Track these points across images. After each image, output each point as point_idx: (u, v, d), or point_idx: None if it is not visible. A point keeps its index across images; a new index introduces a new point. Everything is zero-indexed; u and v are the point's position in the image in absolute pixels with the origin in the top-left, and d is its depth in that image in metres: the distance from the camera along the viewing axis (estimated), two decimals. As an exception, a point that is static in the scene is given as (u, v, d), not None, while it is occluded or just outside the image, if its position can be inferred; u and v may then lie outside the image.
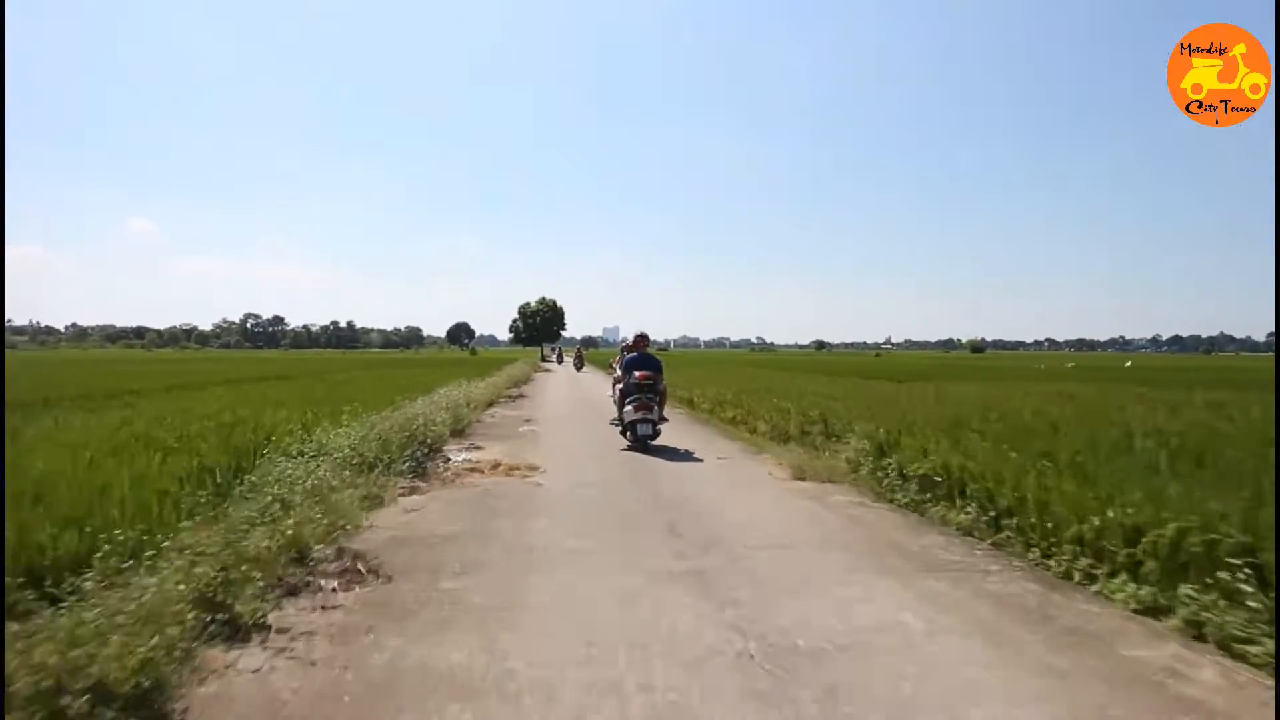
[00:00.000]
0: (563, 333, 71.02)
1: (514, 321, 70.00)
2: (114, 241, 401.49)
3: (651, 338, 9.82)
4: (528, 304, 68.86)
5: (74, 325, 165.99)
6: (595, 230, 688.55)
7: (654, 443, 7.91)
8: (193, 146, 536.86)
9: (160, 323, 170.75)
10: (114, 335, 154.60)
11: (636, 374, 8.13)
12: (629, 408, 7.88)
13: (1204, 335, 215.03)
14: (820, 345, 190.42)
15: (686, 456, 7.34)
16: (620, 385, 8.50)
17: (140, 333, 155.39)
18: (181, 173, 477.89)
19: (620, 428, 8.32)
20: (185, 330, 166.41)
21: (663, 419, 8.23)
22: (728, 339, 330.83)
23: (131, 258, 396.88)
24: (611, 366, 11.77)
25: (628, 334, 11.88)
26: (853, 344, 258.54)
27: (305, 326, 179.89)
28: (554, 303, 68.68)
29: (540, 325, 67.33)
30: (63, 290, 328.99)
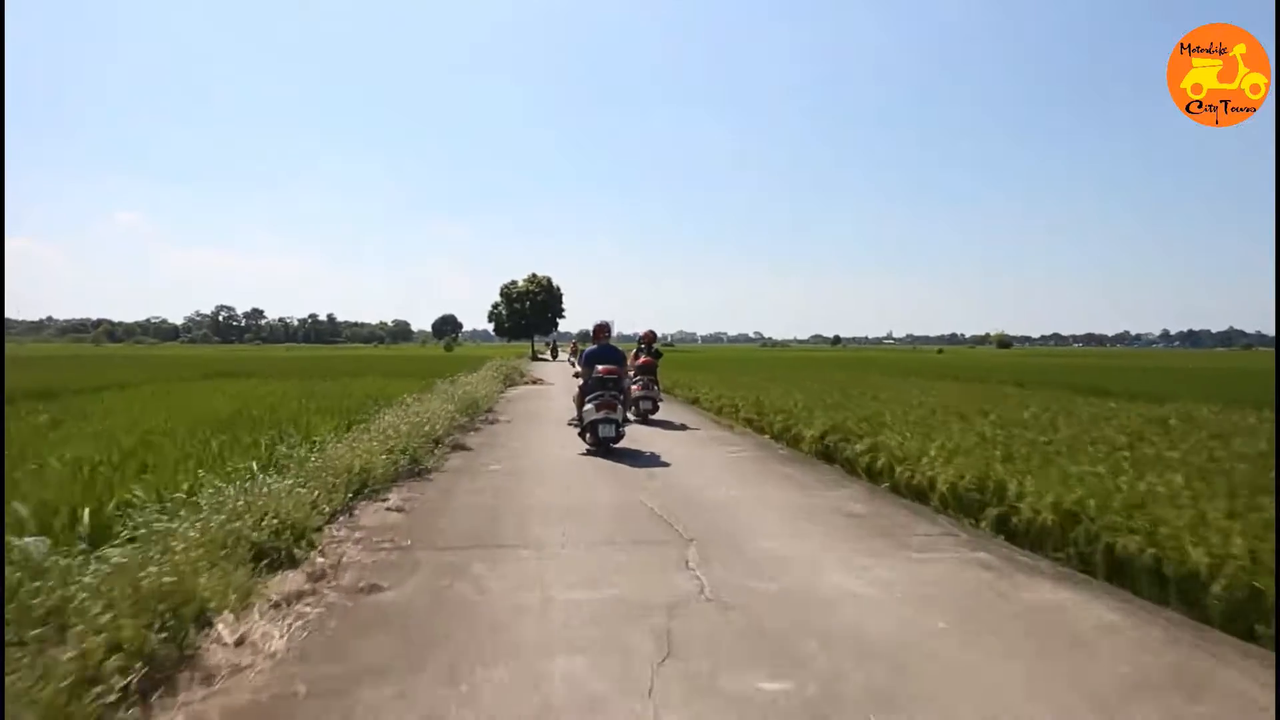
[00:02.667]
0: (560, 321, 53.90)
1: (495, 307, 52.96)
2: (103, 234, 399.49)
3: (643, 331, 9.67)
4: (514, 283, 52.15)
5: (50, 319, 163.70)
6: (591, 224, 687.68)
7: (617, 445, 7.13)
8: (185, 139, 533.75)
9: (148, 316, 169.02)
10: (68, 328, 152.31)
11: (599, 368, 7.37)
12: (589, 406, 7.13)
13: (1213, 330, 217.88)
14: (836, 340, 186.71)
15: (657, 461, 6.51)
16: (581, 381, 7.69)
17: (95, 325, 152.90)
18: (173, 165, 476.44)
19: (579, 429, 7.47)
20: (155, 323, 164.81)
21: (626, 420, 7.47)
22: (725, 334, 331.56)
23: (120, 250, 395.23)
24: (571, 361, 10.76)
25: (637, 328, 11.29)
26: (853, 339, 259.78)
27: (282, 319, 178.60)
28: (548, 281, 51.93)
29: (531, 312, 51.20)
30: (50, 284, 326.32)
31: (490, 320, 54.27)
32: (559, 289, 52.79)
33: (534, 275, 52.43)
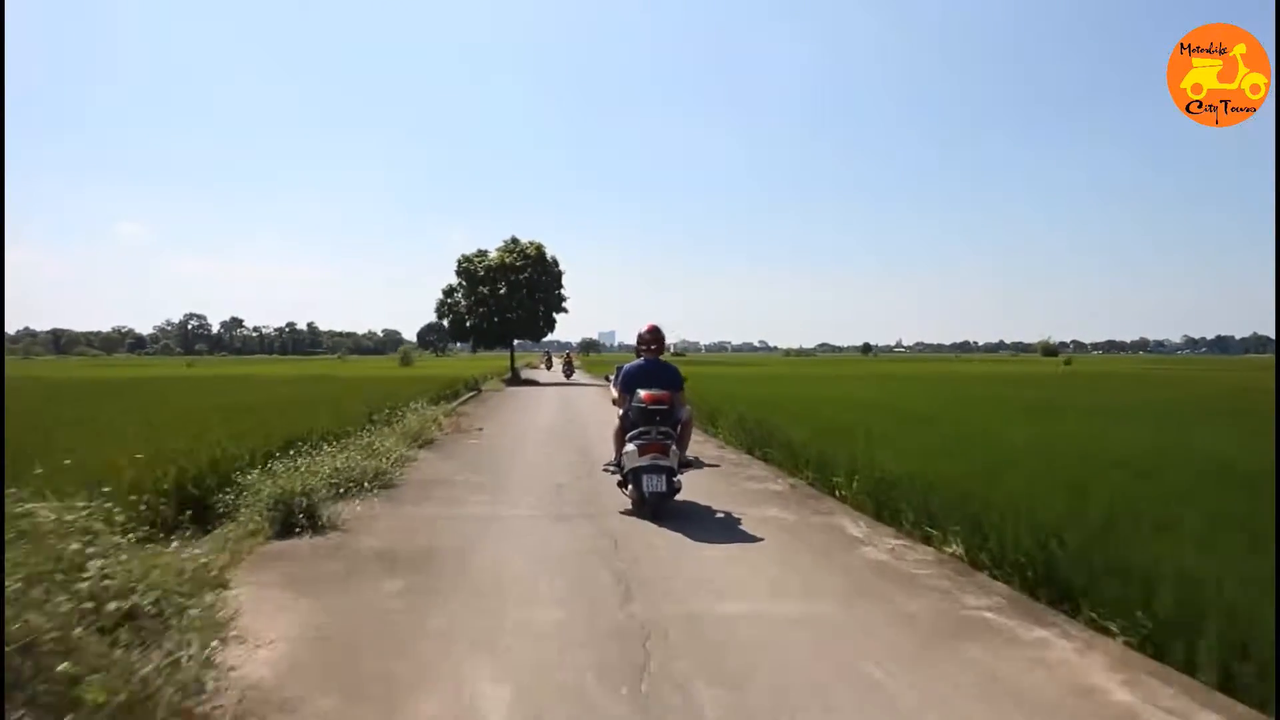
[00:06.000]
0: (559, 317, 33.55)
1: (447, 296, 32.85)
2: (100, 243, 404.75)
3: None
4: (480, 254, 32.41)
5: (27, 329, 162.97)
6: (589, 229, 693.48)
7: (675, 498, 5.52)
8: (183, 145, 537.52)
9: (144, 326, 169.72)
10: (17, 338, 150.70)
11: (642, 394, 5.66)
12: (631, 448, 5.50)
13: (1237, 336, 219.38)
14: (866, 349, 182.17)
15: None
16: (620, 411, 6.03)
17: (27, 335, 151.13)
18: (173, 174, 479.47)
19: (618, 477, 5.83)
20: (122, 333, 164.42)
21: (685, 464, 5.82)
22: (729, 343, 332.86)
23: (117, 259, 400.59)
24: (608, 379, 8.41)
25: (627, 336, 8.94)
26: (863, 346, 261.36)
27: (257, 329, 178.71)
28: (538, 252, 32.17)
29: (510, 300, 31.30)
30: (44, 294, 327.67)
31: (441, 315, 33.71)
32: (555, 263, 32.63)
33: (514, 241, 32.13)
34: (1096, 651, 2.95)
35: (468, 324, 32.37)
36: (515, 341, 33.98)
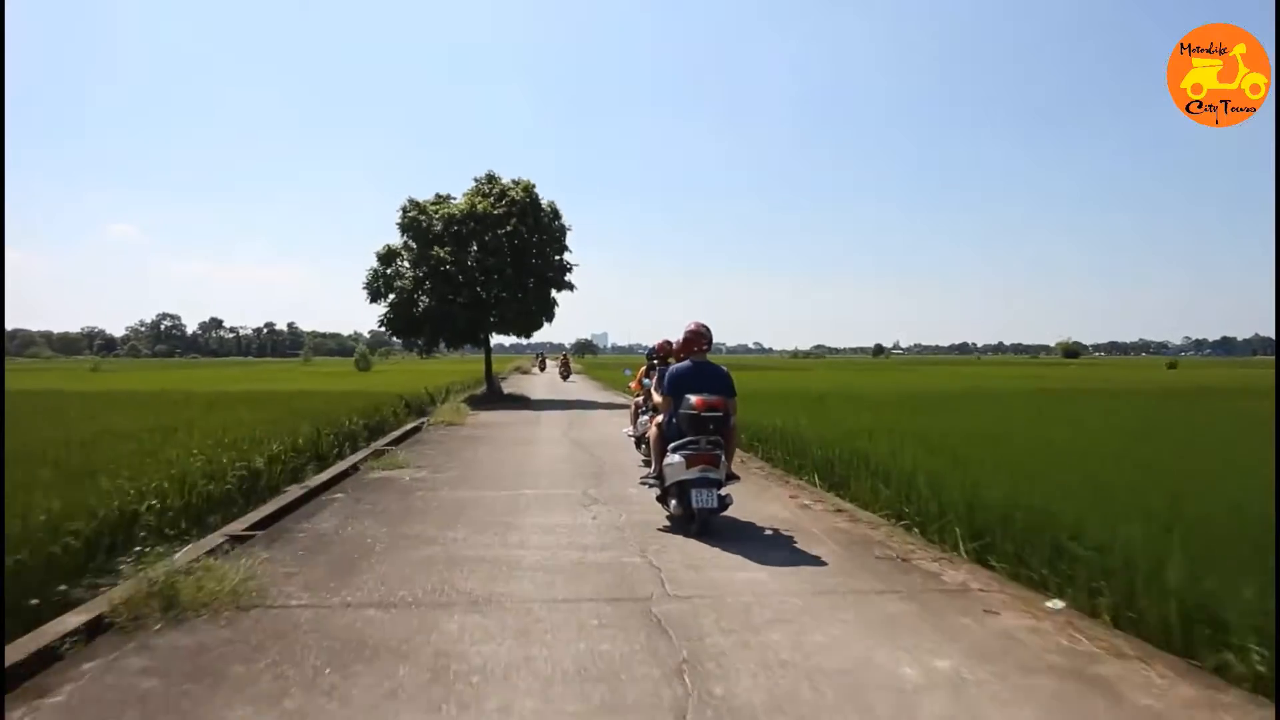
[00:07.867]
0: (558, 298, 21.20)
1: (384, 264, 20.37)
2: (93, 245, 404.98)
3: (641, 344, 6.45)
4: (442, 200, 20.85)
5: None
6: (582, 230, 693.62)
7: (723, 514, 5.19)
8: (180, 147, 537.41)
9: (82, 326, 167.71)
10: None
11: (692, 399, 5.16)
12: (677, 458, 5.11)
13: (1240, 338, 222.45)
14: (878, 350, 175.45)
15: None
16: (658, 417, 5.70)
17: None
18: (164, 176, 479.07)
19: (657, 490, 5.56)
20: (95, 333, 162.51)
21: (731, 476, 5.34)
22: (724, 344, 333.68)
23: (109, 261, 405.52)
24: (642, 384, 8.18)
25: (635, 339, 6.96)
26: (858, 348, 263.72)
27: (235, 330, 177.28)
28: (528, 194, 20.22)
29: (483, 268, 19.46)
30: (38, 296, 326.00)
31: (374, 296, 20.48)
32: (556, 214, 21.32)
33: (490, 179, 21.09)
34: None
35: (420, 303, 20.25)
36: (494, 338, 22.96)
